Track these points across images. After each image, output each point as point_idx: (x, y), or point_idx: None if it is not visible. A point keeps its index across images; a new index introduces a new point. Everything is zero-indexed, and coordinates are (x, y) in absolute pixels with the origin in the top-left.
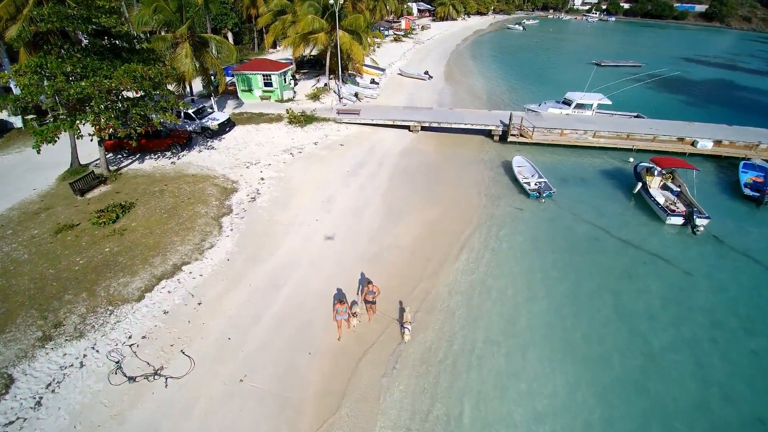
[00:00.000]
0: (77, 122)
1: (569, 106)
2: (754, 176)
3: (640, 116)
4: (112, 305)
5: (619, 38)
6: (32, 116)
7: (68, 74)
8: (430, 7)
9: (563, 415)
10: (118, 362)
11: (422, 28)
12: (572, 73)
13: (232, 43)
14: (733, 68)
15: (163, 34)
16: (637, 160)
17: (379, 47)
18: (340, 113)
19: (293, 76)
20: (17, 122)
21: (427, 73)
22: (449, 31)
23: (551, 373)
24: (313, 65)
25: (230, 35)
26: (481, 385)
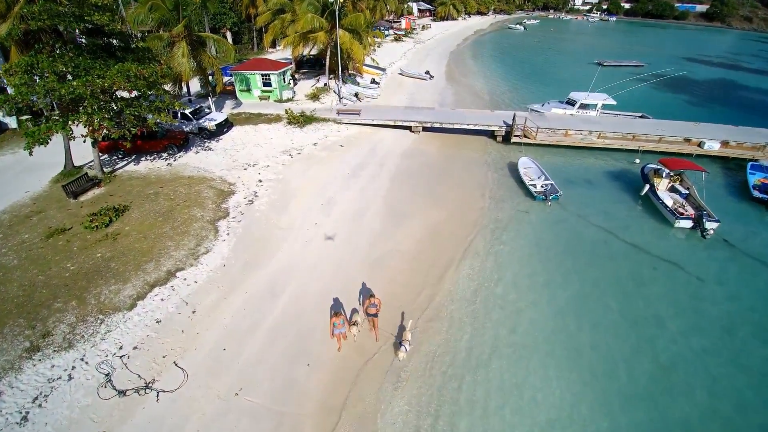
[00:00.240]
0: (70, 123)
1: (573, 106)
2: (762, 178)
3: (644, 116)
4: (102, 314)
5: (620, 38)
6: (27, 117)
7: (60, 73)
8: (430, 6)
9: (571, 428)
10: (107, 375)
11: (422, 27)
12: (574, 72)
13: (231, 42)
14: (735, 68)
15: (159, 33)
16: (643, 161)
17: (379, 47)
18: (340, 113)
19: (292, 75)
20: (12, 123)
21: (428, 72)
22: (450, 30)
23: (558, 384)
24: (312, 65)
25: (229, 35)
26: (486, 398)
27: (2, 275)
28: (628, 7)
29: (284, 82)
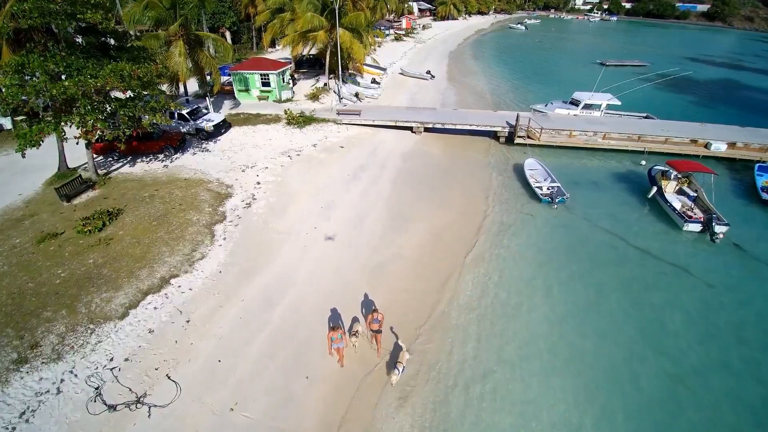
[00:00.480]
0: (62, 124)
1: (577, 106)
2: None
3: (649, 117)
4: (93, 323)
5: (621, 38)
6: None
7: (51, 73)
8: (430, 6)
9: None
10: (97, 388)
11: (423, 27)
12: (577, 72)
13: (230, 42)
14: (738, 68)
15: (156, 32)
16: (649, 162)
17: (379, 46)
18: (340, 114)
19: (292, 75)
20: (7, 123)
21: (429, 72)
22: (450, 30)
23: (564, 396)
24: (312, 64)
25: (228, 34)
26: (494, 414)
27: None
28: (629, 6)
29: (283, 82)
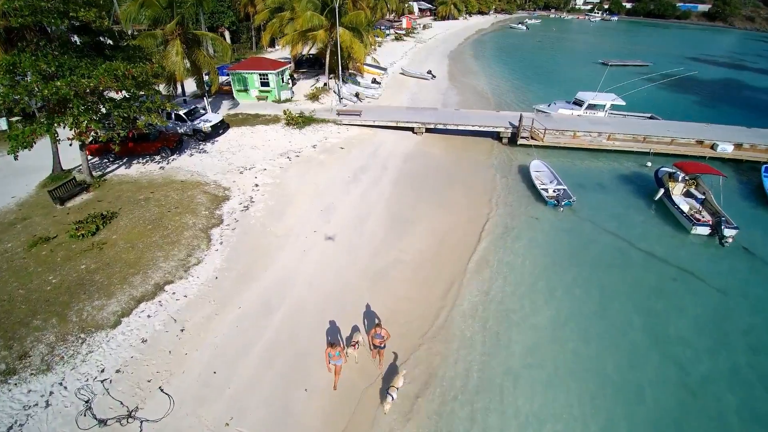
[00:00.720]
0: (55, 125)
1: (581, 106)
2: None
3: (653, 117)
4: (84, 332)
5: (622, 38)
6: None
7: (43, 73)
8: (431, 6)
9: None
10: (87, 401)
11: (423, 27)
12: (578, 72)
13: (229, 41)
14: (741, 68)
15: (153, 30)
16: (655, 164)
17: (380, 46)
18: (340, 114)
19: (291, 75)
20: (2, 124)
21: (430, 72)
22: (451, 30)
23: (577, 408)
24: (312, 64)
25: (227, 34)
26: (500, 429)
27: None
28: (629, 6)
29: (282, 81)
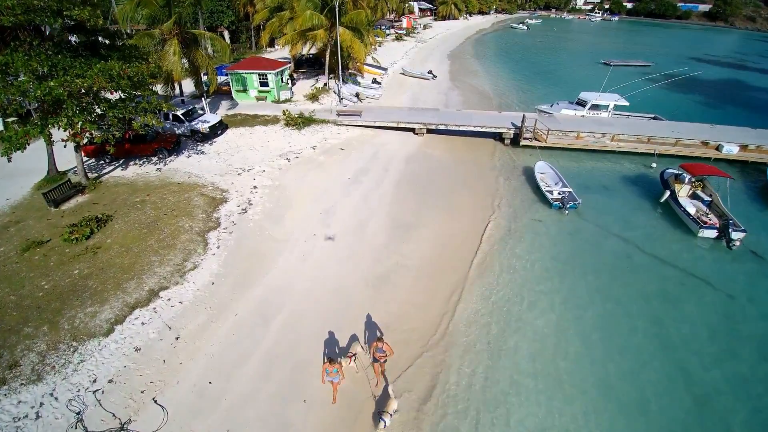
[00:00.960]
0: (49, 126)
1: (584, 107)
2: None
3: (657, 118)
4: (76, 340)
5: (623, 37)
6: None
7: (36, 73)
8: (431, 6)
9: None
10: (79, 413)
11: (424, 27)
12: (580, 72)
13: (228, 41)
14: (743, 68)
15: (150, 30)
16: (660, 165)
17: (380, 46)
18: (340, 115)
19: (291, 75)
20: None
21: (431, 72)
22: (451, 30)
23: (584, 421)
24: (311, 64)
25: (226, 33)
26: None
27: None
28: (630, 6)
29: (282, 81)
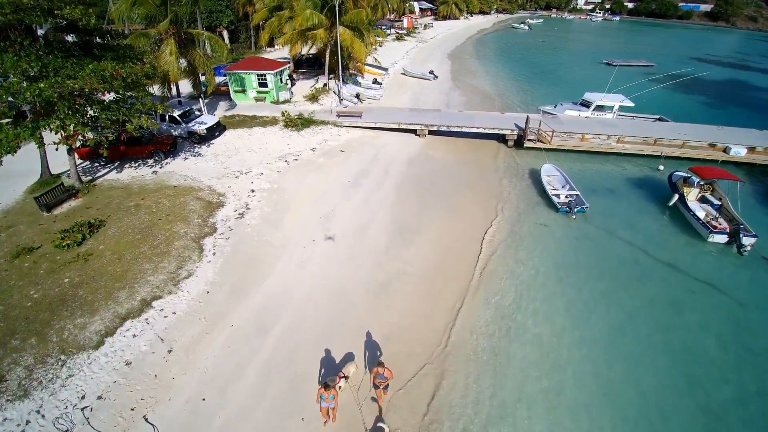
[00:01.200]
0: (40, 129)
1: (588, 108)
2: None
3: (662, 119)
4: (65, 354)
5: (624, 37)
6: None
7: (27, 74)
8: (432, 6)
9: None
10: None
11: (425, 26)
12: (583, 72)
13: (227, 41)
14: (746, 68)
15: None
16: (667, 168)
17: (381, 46)
18: (340, 116)
19: (290, 75)
20: None
21: (432, 72)
22: (452, 30)
23: None
24: (311, 64)
25: (226, 33)
26: None
27: None
28: (631, 6)
29: (281, 82)
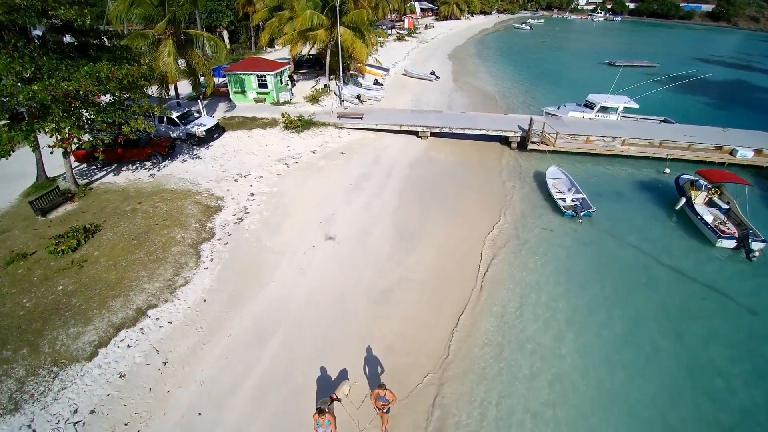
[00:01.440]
0: (34, 132)
1: (592, 109)
2: None
3: (667, 120)
4: (57, 365)
5: (626, 38)
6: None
7: (20, 76)
8: (433, 6)
9: None
10: None
11: (426, 27)
12: (585, 73)
13: (227, 41)
14: (749, 69)
15: (144, 30)
16: (673, 170)
17: (382, 46)
18: (341, 117)
19: (290, 76)
20: None
21: (433, 73)
22: (454, 30)
23: None
24: (312, 65)
25: (225, 34)
26: None
27: None
28: (632, 6)
29: (281, 83)
